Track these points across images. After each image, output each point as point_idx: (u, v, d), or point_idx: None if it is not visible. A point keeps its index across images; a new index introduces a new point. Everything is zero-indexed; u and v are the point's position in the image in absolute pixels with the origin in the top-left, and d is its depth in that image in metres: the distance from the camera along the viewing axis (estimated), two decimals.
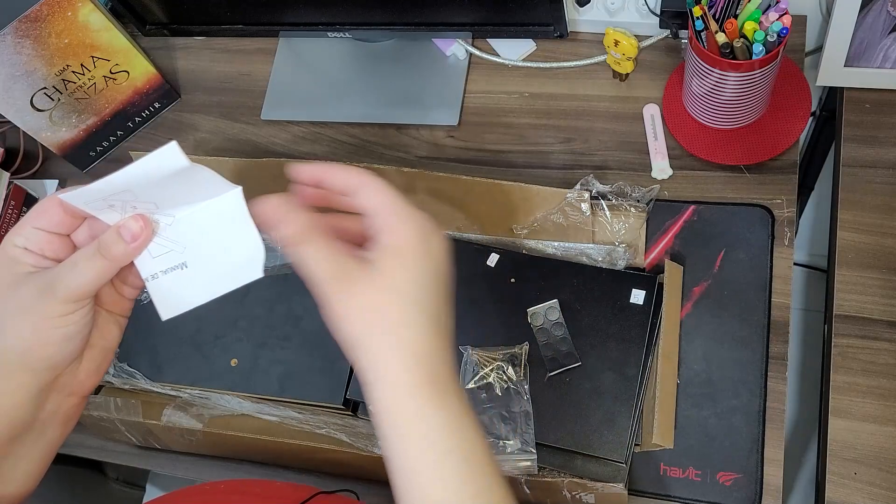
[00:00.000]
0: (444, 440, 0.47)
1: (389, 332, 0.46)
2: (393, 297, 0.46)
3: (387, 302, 0.46)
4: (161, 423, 0.81)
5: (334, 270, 0.47)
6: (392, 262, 0.47)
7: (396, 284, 0.47)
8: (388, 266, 0.47)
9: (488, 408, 0.75)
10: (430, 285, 0.48)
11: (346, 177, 0.50)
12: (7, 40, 0.87)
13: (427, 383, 0.46)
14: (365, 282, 0.46)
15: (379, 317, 0.46)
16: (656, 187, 0.84)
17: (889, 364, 0.76)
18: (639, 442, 0.74)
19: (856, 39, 0.81)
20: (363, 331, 0.46)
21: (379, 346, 0.46)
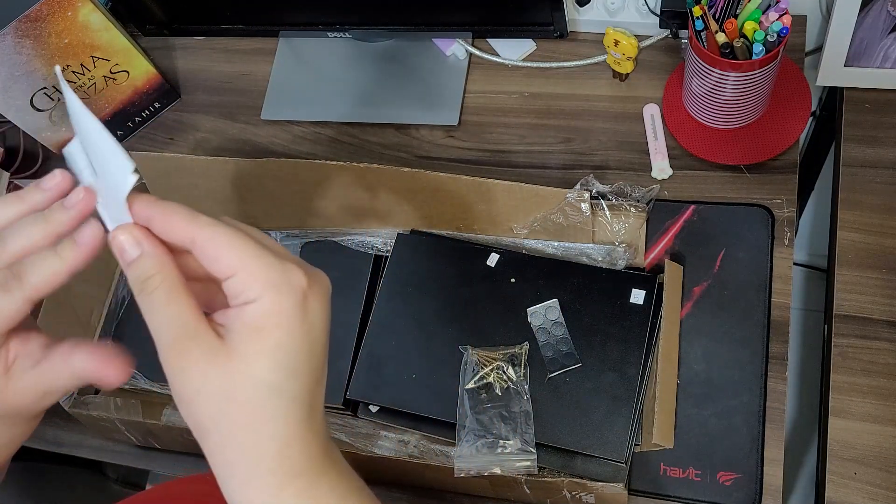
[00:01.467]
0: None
1: (247, 428, 0.39)
2: (251, 388, 0.38)
3: (244, 392, 0.38)
4: (161, 423, 0.81)
5: (183, 338, 0.38)
6: (252, 343, 0.38)
7: (255, 372, 0.38)
8: (247, 348, 0.38)
9: (488, 408, 0.75)
10: (301, 367, 0.39)
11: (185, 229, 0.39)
12: (7, 40, 0.87)
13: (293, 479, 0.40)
14: (218, 363, 0.38)
15: (234, 408, 0.38)
16: (656, 187, 0.84)
17: (889, 364, 0.76)
18: (639, 442, 0.74)
19: (856, 39, 0.81)
20: (214, 421, 0.39)
21: (234, 441, 0.39)
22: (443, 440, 0.77)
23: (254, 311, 0.38)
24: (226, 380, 0.38)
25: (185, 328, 0.38)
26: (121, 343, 0.89)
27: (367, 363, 0.80)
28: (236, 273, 0.38)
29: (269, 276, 0.38)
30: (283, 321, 0.38)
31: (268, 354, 0.38)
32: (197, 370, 0.38)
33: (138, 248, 0.39)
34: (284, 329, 0.38)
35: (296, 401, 0.39)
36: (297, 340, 0.39)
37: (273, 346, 0.38)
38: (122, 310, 0.91)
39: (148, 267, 0.39)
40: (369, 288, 0.85)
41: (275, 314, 0.38)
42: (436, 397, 0.77)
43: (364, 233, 0.87)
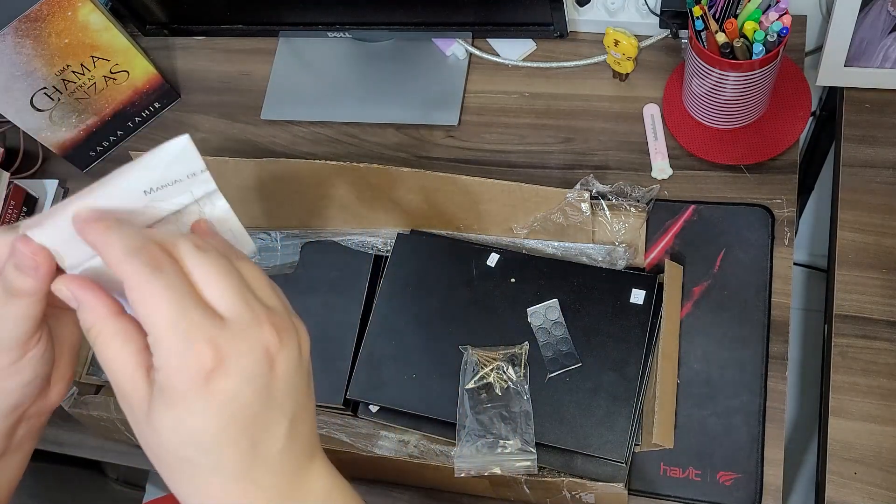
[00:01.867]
0: None
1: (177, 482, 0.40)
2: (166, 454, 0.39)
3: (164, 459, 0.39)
4: None
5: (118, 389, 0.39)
6: (163, 417, 0.38)
7: (165, 441, 0.38)
8: (160, 421, 0.38)
9: (488, 408, 0.75)
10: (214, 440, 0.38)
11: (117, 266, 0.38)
12: (7, 40, 0.87)
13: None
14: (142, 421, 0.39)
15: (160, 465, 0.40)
16: (656, 187, 0.84)
17: (889, 364, 0.76)
18: (639, 442, 0.74)
19: (856, 39, 0.81)
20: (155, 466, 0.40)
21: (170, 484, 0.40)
22: (443, 440, 0.77)
23: (159, 381, 0.38)
24: (147, 440, 0.39)
25: (120, 382, 0.39)
26: None
27: (367, 363, 0.80)
28: (150, 333, 0.38)
29: (170, 352, 0.37)
30: (180, 400, 0.37)
31: (173, 430, 0.38)
32: (131, 420, 0.39)
33: (76, 302, 0.39)
34: (184, 409, 0.37)
35: (216, 471, 0.39)
36: (200, 419, 0.38)
37: (177, 423, 0.38)
38: None
39: (85, 318, 0.39)
40: (369, 288, 0.85)
41: (171, 391, 0.37)
42: (436, 397, 0.77)
43: (364, 233, 0.87)
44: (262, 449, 0.40)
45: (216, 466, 0.39)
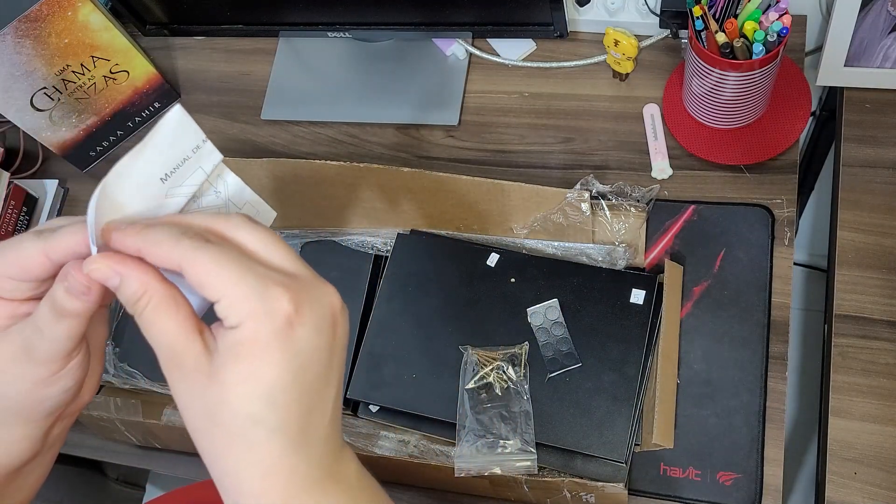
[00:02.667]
0: None
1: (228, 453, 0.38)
2: (229, 415, 0.38)
3: (222, 418, 0.38)
4: (161, 423, 0.81)
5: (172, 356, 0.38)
6: (230, 370, 0.37)
7: (232, 400, 0.37)
8: (226, 375, 0.37)
9: (488, 408, 0.75)
10: (283, 398, 0.38)
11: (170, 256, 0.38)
12: (7, 40, 0.87)
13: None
14: (200, 383, 0.38)
15: (216, 430, 0.38)
16: (656, 187, 0.84)
17: (889, 364, 0.76)
18: (639, 442, 0.74)
19: (856, 39, 0.81)
20: (201, 437, 0.39)
21: (219, 461, 0.39)
22: (443, 440, 0.77)
23: (233, 338, 0.37)
24: (207, 401, 0.38)
25: (174, 346, 0.38)
26: (123, 345, 0.89)
27: (367, 363, 0.80)
28: (220, 298, 0.37)
29: (248, 304, 0.37)
30: (259, 351, 0.37)
31: (245, 385, 0.37)
32: (184, 387, 0.38)
33: (117, 277, 0.38)
34: (262, 359, 0.37)
35: (278, 431, 0.38)
36: (277, 370, 0.37)
37: (249, 377, 0.37)
38: (122, 310, 0.91)
39: (133, 289, 0.38)
40: (369, 288, 0.85)
41: (251, 343, 0.37)
42: (436, 397, 0.77)
43: (364, 233, 0.87)
44: (315, 416, 0.40)
45: (279, 426, 0.38)
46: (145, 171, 0.41)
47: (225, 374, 0.37)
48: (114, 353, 0.88)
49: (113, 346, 0.88)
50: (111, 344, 0.89)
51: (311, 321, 0.38)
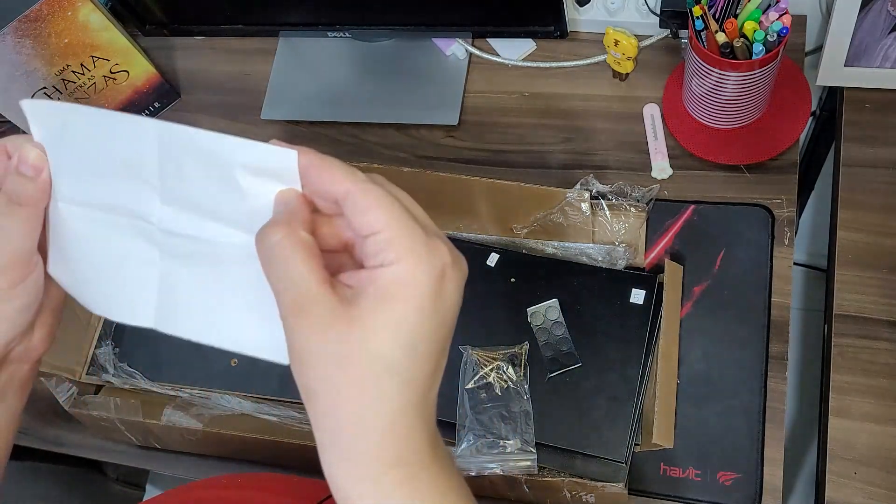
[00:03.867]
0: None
1: (354, 401, 0.36)
2: (366, 360, 0.35)
3: (358, 363, 0.35)
4: (161, 423, 0.81)
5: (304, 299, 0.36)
6: (378, 312, 0.35)
7: (374, 344, 0.35)
8: (371, 318, 0.35)
9: (488, 407, 0.75)
10: (423, 348, 0.36)
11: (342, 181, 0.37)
12: (7, 40, 0.87)
13: (393, 467, 0.37)
14: (337, 327, 0.35)
15: (344, 377, 0.36)
16: (656, 187, 0.84)
17: (889, 364, 0.76)
18: (639, 442, 0.74)
19: (856, 39, 0.81)
20: (322, 386, 0.36)
21: (339, 411, 0.36)
22: (443, 440, 0.77)
23: (387, 276, 0.35)
24: (341, 346, 0.35)
25: (308, 289, 0.35)
26: (123, 345, 0.89)
27: None
28: (380, 231, 0.36)
29: (412, 243, 0.36)
30: (415, 294, 0.36)
31: (391, 328, 0.35)
32: (313, 331, 0.36)
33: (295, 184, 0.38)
34: (414, 304, 0.36)
35: (410, 384, 0.36)
36: (425, 318, 0.36)
37: (398, 319, 0.35)
38: None
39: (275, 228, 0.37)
40: None
41: (408, 284, 0.35)
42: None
43: None
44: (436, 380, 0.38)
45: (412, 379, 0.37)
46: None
47: (369, 316, 0.35)
48: (114, 353, 0.88)
49: (113, 346, 0.88)
50: (111, 344, 0.89)
51: (455, 281, 0.38)
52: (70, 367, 0.88)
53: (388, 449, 0.37)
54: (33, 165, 0.41)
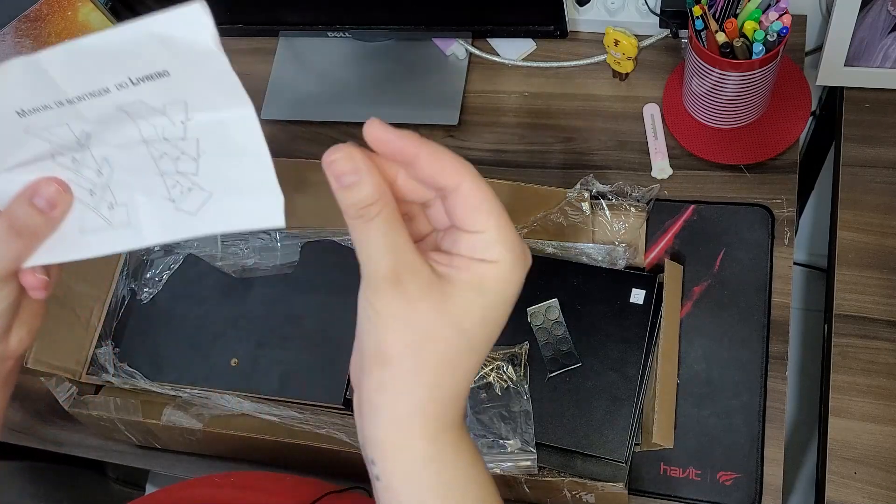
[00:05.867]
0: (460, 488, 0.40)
1: (432, 369, 0.38)
2: (455, 334, 0.38)
3: (446, 335, 0.38)
4: (161, 423, 0.81)
5: (402, 268, 0.37)
6: (477, 300, 0.38)
7: (465, 322, 0.38)
8: (467, 301, 0.38)
9: (488, 407, 0.75)
10: (492, 334, 0.40)
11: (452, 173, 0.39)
12: (7, 40, 0.87)
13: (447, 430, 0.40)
14: (431, 302, 0.37)
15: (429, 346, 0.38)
16: (656, 187, 0.84)
17: (889, 364, 0.76)
18: (639, 442, 0.74)
19: (856, 39, 0.81)
20: (402, 351, 0.38)
21: (412, 377, 0.38)
22: None
23: (489, 271, 0.38)
24: (433, 317, 0.37)
25: (405, 259, 0.37)
26: (123, 344, 0.89)
27: None
28: (486, 231, 0.38)
29: (513, 248, 0.39)
30: (506, 289, 0.39)
31: (483, 314, 0.39)
32: (407, 299, 0.37)
33: (358, 175, 0.38)
34: (505, 298, 0.39)
35: (477, 362, 0.40)
36: (504, 308, 0.40)
37: (490, 307, 0.39)
38: (122, 310, 0.91)
39: (368, 194, 0.37)
40: None
41: (506, 282, 0.39)
42: None
43: None
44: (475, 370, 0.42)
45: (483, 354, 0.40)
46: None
47: (466, 299, 0.38)
48: (114, 353, 0.88)
49: (113, 346, 0.88)
50: (111, 344, 0.89)
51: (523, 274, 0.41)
52: (70, 367, 0.88)
53: (447, 414, 0.39)
54: (48, 200, 0.41)
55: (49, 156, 0.40)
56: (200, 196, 0.40)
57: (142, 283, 0.91)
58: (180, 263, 0.91)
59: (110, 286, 0.94)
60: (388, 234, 0.37)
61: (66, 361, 0.88)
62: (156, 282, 0.91)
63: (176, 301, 0.89)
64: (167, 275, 0.91)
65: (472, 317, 0.38)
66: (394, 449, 0.39)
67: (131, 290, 0.91)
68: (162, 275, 0.91)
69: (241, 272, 0.89)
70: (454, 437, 0.40)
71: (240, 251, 0.90)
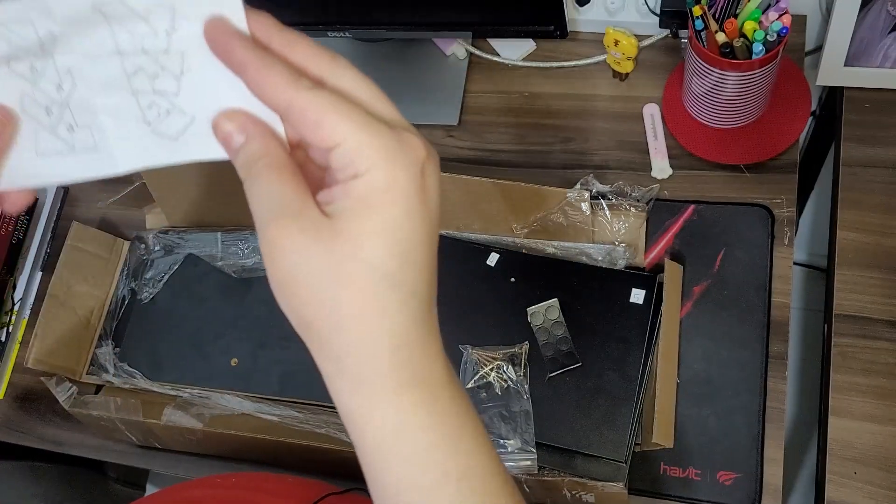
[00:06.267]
0: (435, 461, 0.36)
1: (358, 319, 0.33)
2: (362, 273, 0.33)
3: (354, 277, 0.33)
4: (161, 423, 0.81)
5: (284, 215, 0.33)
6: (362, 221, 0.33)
7: (367, 255, 0.33)
8: (357, 227, 0.33)
9: (488, 407, 0.75)
10: (419, 255, 0.34)
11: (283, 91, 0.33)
12: None
13: (412, 387, 0.35)
14: (322, 240, 0.32)
15: (343, 294, 0.33)
16: (656, 187, 0.84)
17: (889, 364, 0.76)
18: (639, 441, 0.74)
19: (856, 39, 0.81)
20: (318, 309, 0.33)
21: (342, 333, 0.34)
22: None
23: (363, 185, 0.33)
24: (332, 260, 0.32)
25: (288, 205, 0.33)
26: (123, 344, 0.89)
27: None
28: (343, 141, 0.33)
29: (382, 145, 0.33)
30: (399, 197, 0.33)
31: (381, 236, 0.33)
32: (297, 247, 0.33)
33: (243, 135, 0.35)
34: (400, 207, 0.33)
35: (415, 295, 0.34)
36: (414, 221, 0.33)
37: (387, 227, 0.33)
38: (121, 310, 0.91)
39: (255, 150, 0.34)
40: None
41: (389, 189, 0.33)
42: None
43: None
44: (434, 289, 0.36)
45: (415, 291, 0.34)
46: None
47: (354, 227, 0.33)
48: (114, 353, 0.88)
49: (113, 345, 0.89)
50: (111, 344, 0.89)
51: (435, 174, 0.34)
52: (70, 367, 0.88)
53: (402, 368, 0.35)
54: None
55: (4, 60, 0.35)
56: (181, 120, 0.36)
57: (142, 283, 0.91)
58: (180, 263, 0.91)
59: (110, 286, 0.94)
60: (272, 184, 0.33)
61: (66, 361, 0.88)
62: (156, 282, 0.91)
63: (176, 301, 0.89)
64: (167, 275, 0.91)
65: (373, 244, 0.33)
66: (354, 423, 0.35)
67: (131, 290, 0.91)
68: (162, 275, 0.91)
69: (241, 272, 0.89)
70: (422, 395, 0.35)
71: (240, 251, 0.90)
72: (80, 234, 0.91)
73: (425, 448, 0.35)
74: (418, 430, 0.35)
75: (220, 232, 0.91)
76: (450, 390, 0.37)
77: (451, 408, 0.37)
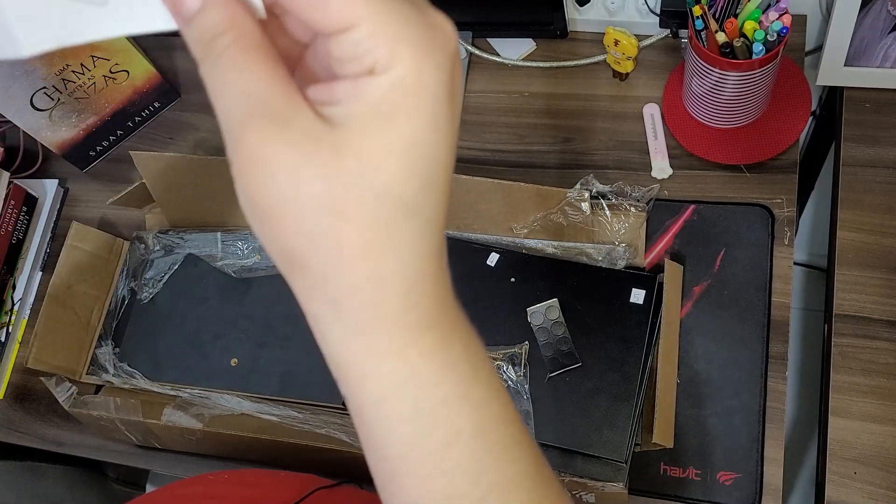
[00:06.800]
0: (445, 419, 0.30)
1: (363, 257, 0.27)
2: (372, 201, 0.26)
3: (358, 209, 0.26)
4: (161, 423, 0.81)
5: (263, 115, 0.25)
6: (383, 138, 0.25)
7: (381, 179, 0.26)
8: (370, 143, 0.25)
9: None
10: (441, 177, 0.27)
11: None
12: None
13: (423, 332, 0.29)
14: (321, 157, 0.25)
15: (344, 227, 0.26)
16: (656, 187, 0.84)
17: (889, 364, 0.76)
18: (639, 442, 0.74)
19: (856, 39, 0.81)
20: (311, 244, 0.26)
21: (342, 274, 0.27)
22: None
23: (383, 86, 0.25)
24: (332, 184, 0.25)
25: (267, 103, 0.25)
26: (123, 344, 0.89)
27: None
28: (356, 24, 0.25)
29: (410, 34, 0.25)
30: (426, 104, 0.25)
31: (401, 154, 0.25)
32: (284, 164, 0.25)
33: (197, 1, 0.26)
34: (426, 116, 0.26)
35: (431, 224, 0.28)
36: (440, 134, 0.26)
37: (409, 142, 0.26)
38: (121, 310, 0.91)
39: (214, 22, 0.26)
40: None
41: (415, 92, 0.25)
42: None
43: None
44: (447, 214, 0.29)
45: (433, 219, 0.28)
46: None
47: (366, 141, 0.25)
48: (114, 353, 0.88)
49: (113, 346, 0.88)
50: (111, 344, 0.89)
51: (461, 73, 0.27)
52: (70, 367, 0.88)
53: (414, 312, 0.29)
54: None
55: None
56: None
57: (142, 283, 0.91)
58: (180, 263, 0.91)
59: (110, 286, 0.94)
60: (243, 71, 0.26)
61: (66, 361, 0.88)
62: (156, 282, 0.91)
63: (176, 301, 0.89)
64: (167, 275, 0.91)
65: (390, 165, 0.26)
66: (350, 377, 0.30)
67: (131, 290, 0.91)
68: (162, 275, 0.91)
69: (241, 272, 0.89)
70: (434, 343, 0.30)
71: (240, 251, 0.90)
72: (79, 234, 0.91)
73: (436, 404, 0.30)
74: (429, 383, 0.30)
75: (219, 232, 0.91)
76: (460, 331, 0.32)
77: (464, 353, 0.31)
